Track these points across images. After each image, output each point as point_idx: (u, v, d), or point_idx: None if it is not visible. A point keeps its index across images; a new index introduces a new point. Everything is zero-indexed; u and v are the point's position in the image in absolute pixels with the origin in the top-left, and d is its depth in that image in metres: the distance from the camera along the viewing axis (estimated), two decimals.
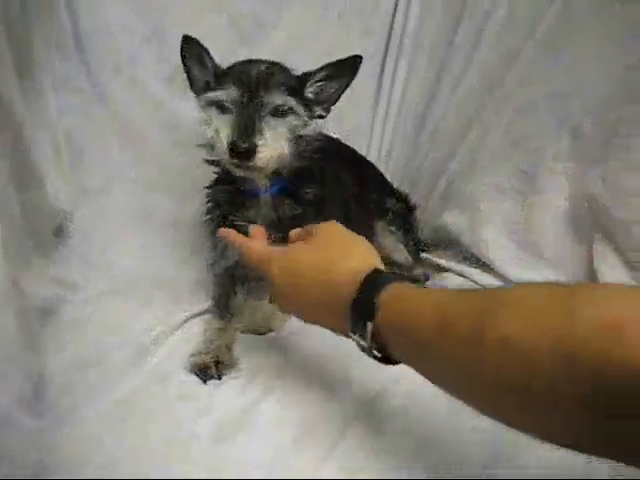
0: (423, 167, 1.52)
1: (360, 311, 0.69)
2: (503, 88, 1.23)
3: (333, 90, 1.13)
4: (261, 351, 1.11)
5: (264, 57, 1.40)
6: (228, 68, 1.10)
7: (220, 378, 1.02)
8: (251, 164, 0.99)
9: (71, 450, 0.84)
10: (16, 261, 0.89)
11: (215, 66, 1.11)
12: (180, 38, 1.25)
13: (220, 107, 1.04)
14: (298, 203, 1.12)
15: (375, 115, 1.60)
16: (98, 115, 1.33)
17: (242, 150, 0.98)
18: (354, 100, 1.52)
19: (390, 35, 1.54)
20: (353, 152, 1.41)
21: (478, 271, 1.30)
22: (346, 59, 1.10)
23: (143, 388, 0.98)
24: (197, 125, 1.10)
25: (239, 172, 1.05)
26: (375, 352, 0.69)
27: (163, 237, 1.36)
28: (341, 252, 0.79)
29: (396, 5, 1.52)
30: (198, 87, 1.12)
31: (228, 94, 1.03)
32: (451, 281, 1.33)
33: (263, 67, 1.06)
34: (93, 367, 0.99)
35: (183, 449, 0.87)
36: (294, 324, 1.18)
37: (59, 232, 1.27)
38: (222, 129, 1.01)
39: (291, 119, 1.06)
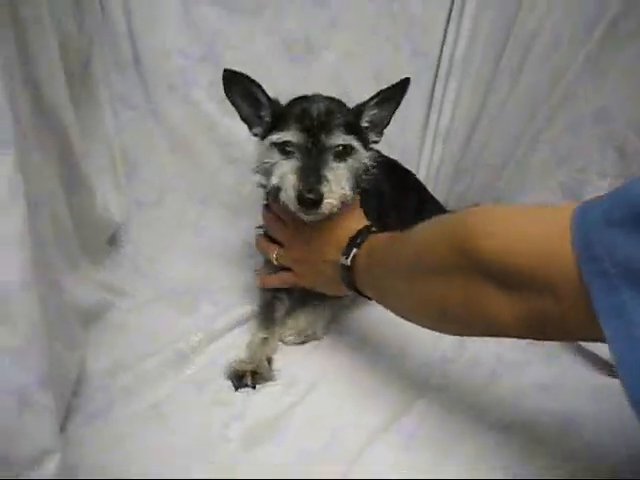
0: (470, 187, 1.51)
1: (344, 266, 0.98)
2: (549, 107, 1.22)
3: (385, 114, 1.16)
4: (299, 362, 1.12)
5: (315, 77, 1.46)
6: (287, 105, 1.12)
7: (254, 387, 1.02)
8: (319, 212, 1.03)
9: (98, 445, 0.86)
10: (62, 261, 0.93)
11: (270, 101, 1.12)
12: (232, 59, 1.31)
13: (282, 149, 1.07)
14: None
15: (425, 136, 1.61)
16: (153, 131, 1.39)
17: (309, 200, 1.01)
18: (404, 122, 1.55)
19: (440, 57, 1.55)
20: (391, 162, 1.42)
21: None
22: (397, 83, 1.12)
23: (178, 393, 1.00)
24: (254, 159, 1.15)
25: (306, 217, 1.07)
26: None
27: (212, 250, 1.40)
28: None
29: (446, 28, 1.53)
30: (250, 120, 1.14)
31: (292, 137, 1.05)
32: None
33: (322, 106, 1.08)
34: (131, 370, 1.02)
35: (211, 452, 0.88)
36: (333, 335, 1.21)
37: (112, 241, 1.33)
38: (288, 178, 1.03)
39: (352, 159, 1.08)
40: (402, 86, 1.13)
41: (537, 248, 0.58)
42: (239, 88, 1.10)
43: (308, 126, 1.05)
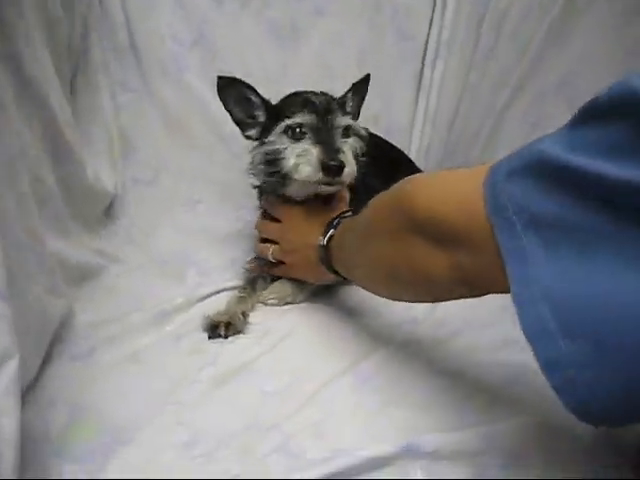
0: (456, 163, 1.56)
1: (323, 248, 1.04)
2: (518, 78, 1.27)
3: (356, 106, 1.29)
4: (274, 319, 1.18)
5: (301, 62, 1.54)
6: (282, 102, 1.21)
7: (227, 337, 1.08)
8: (340, 179, 1.12)
9: (76, 384, 0.93)
10: (48, 221, 1.02)
11: (264, 101, 1.21)
12: (222, 45, 1.40)
13: (293, 135, 1.15)
14: None
15: (414, 118, 1.66)
16: (149, 113, 1.48)
17: (334, 167, 1.09)
18: (393, 105, 1.61)
19: (427, 41, 1.61)
20: (384, 144, 1.48)
21: None
22: (364, 78, 1.27)
23: (158, 343, 1.06)
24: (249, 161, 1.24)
25: (325, 190, 1.16)
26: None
27: (203, 225, 1.48)
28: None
29: (432, 12, 1.59)
30: (243, 123, 1.22)
31: (303, 119, 1.14)
32: None
33: (320, 96, 1.19)
34: (115, 323, 1.09)
35: (183, 393, 0.94)
36: (314, 300, 1.26)
37: (109, 214, 1.41)
38: (310, 151, 1.11)
39: (353, 138, 1.19)
40: (367, 81, 1.26)
41: (457, 205, 0.62)
42: (233, 93, 1.19)
43: (315, 110, 1.14)
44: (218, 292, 1.27)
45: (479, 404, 0.88)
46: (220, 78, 1.16)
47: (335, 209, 1.17)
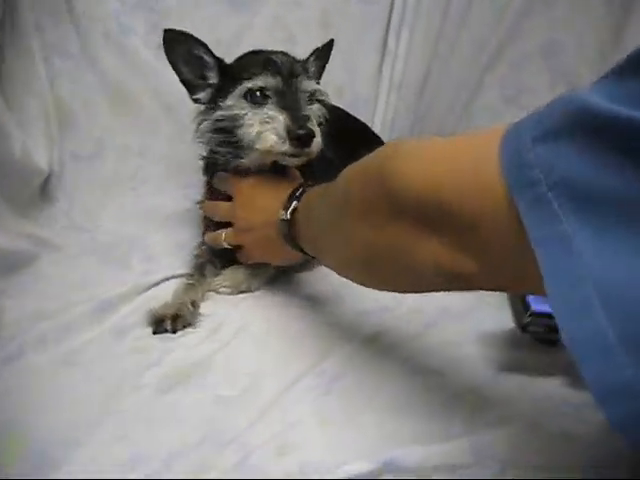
0: (423, 134, 1.46)
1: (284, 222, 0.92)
2: (495, 44, 1.16)
3: (318, 74, 1.18)
4: (228, 309, 1.07)
5: (257, 24, 1.41)
6: (238, 61, 1.09)
7: (175, 332, 0.98)
8: (309, 150, 1.00)
9: (8, 388, 0.82)
10: None
11: (218, 60, 1.07)
12: (168, 5, 1.26)
13: (253, 99, 1.02)
14: None
15: (379, 86, 1.56)
16: (89, 80, 1.34)
17: (303, 137, 0.98)
18: (356, 71, 1.50)
19: (392, 4, 1.50)
20: (338, 113, 1.37)
21: None
22: (327, 44, 1.17)
23: (96, 341, 0.95)
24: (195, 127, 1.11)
25: (290, 162, 1.05)
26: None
27: (149, 204, 1.36)
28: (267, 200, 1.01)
29: None
30: (192, 84, 1.09)
31: (266, 82, 1.01)
32: None
33: (282, 56, 1.06)
34: (50, 319, 0.97)
35: (122, 400, 0.83)
36: (271, 286, 1.17)
37: (46, 196, 1.28)
38: (277, 118, 0.99)
39: (318, 105, 1.08)
40: (329, 47, 1.16)
41: (460, 182, 0.49)
42: (182, 50, 1.04)
43: (278, 71, 1.02)
44: (167, 279, 1.15)
45: (463, 408, 0.80)
46: (167, 31, 1.01)
47: (292, 181, 1.05)
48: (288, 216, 0.91)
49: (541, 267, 0.40)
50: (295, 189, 0.95)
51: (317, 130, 1.01)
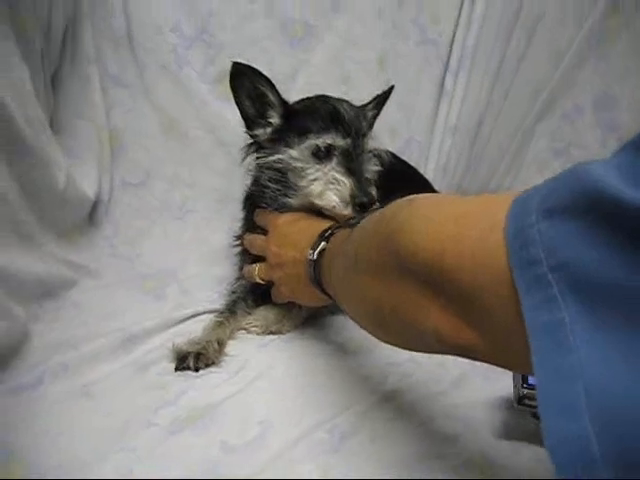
0: (473, 183, 1.41)
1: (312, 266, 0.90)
2: (548, 94, 1.11)
3: (374, 119, 1.16)
4: (254, 350, 1.06)
5: (315, 62, 1.41)
6: (303, 108, 1.08)
7: (197, 370, 0.96)
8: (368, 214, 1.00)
9: (14, 420, 0.82)
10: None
11: (282, 101, 1.06)
12: (227, 40, 1.27)
13: (318, 155, 1.03)
14: None
15: (434, 128, 1.52)
16: (143, 111, 1.36)
17: (366, 204, 0.99)
18: (412, 112, 1.47)
19: (452, 46, 1.47)
20: (390, 160, 1.34)
21: None
22: (388, 90, 1.16)
23: (116, 374, 0.95)
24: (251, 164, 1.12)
25: (351, 222, 1.02)
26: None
27: (194, 236, 1.36)
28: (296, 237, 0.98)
29: (458, 17, 1.45)
30: (252, 120, 1.08)
31: (336, 141, 1.02)
32: None
33: (348, 108, 1.05)
34: (74, 348, 0.97)
35: (132, 437, 0.82)
36: (303, 329, 1.15)
37: (92, 221, 1.30)
38: (342, 183, 1.00)
39: (375, 161, 1.09)
40: (388, 94, 1.15)
41: (464, 247, 0.47)
42: (247, 84, 1.03)
43: (347, 130, 1.02)
44: (198, 314, 1.15)
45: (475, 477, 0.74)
46: (235, 64, 1.00)
47: (327, 219, 1.03)
48: (315, 256, 0.89)
49: (533, 354, 0.37)
50: (325, 229, 0.92)
51: (374, 193, 1.02)
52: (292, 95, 1.28)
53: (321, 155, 1.02)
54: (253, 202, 1.15)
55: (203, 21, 1.35)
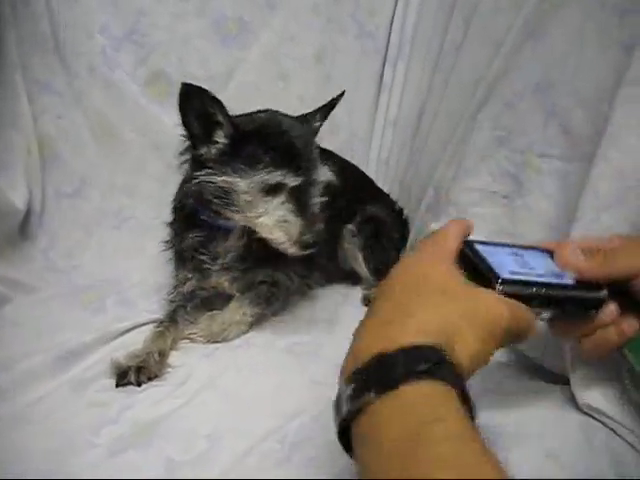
0: (416, 175, 1.40)
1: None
2: (487, 82, 1.10)
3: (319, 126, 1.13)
4: (199, 359, 1.02)
5: (251, 59, 1.37)
6: (252, 130, 1.02)
7: (139, 385, 0.93)
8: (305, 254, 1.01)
9: None
10: None
11: (232, 123, 1.00)
12: (159, 41, 1.23)
13: (267, 190, 1.00)
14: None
15: (374, 122, 1.51)
16: (74, 117, 1.32)
17: (310, 245, 0.99)
18: (352, 106, 1.46)
19: (389, 39, 1.46)
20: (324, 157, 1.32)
21: None
22: (337, 97, 1.12)
23: (55, 394, 0.90)
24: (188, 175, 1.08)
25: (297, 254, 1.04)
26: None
27: (132, 244, 1.32)
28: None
29: (394, 8, 1.44)
30: (199, 139, 1.02)
31: (287, 179, 0.99)
32: None
33: (299, 134, 1.03)
34: (10, 370, 0.92)
35: (73, 458, 0.78)
36: (246, 336, 1.11)
37: (25, 234, 1.25)
38: (291, 222, 1.00)
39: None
40: (337, 101, 1.12)
41: None
42: (197, 105, 0.98)
43: (300, 166, 1.00)
44: (140, 326, 1.10)
45: None
46: (185, 85, 0.94)
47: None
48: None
49: None
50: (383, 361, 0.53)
51: (319, 228, 1.01)
52: (229, 94, 1.25)
53: (270, 190, 1.00)
54: (187, 213, 1.12)
55: (133, 21, 1.31)
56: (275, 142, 1.00)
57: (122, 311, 1.14)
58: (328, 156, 1.29)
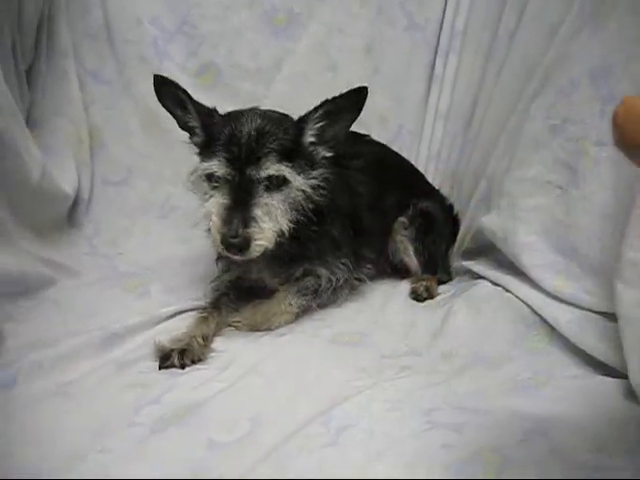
0: (467, 168, 1.37)
1: None
2: (542, 71, 1.06)
3: (338, 127, 1.01)
4: (244, 344, 1.00)
5: (300, 51, 1.36)
6: (220, 122, 1.00)
7: (183, 368, 0.90)
8: (247, 256, 0.94)
9: None
10: None
11: (200, 114, 1.01)
12: (210, 32, 1.24)
13: (210, 180, 0.98)
14: (295, 239, 1.03)
15: (425, 115, 1.48)
16: (123, 107, 1.32)
17: (235, 246, 0.92)
18: (401, 100, 1.43)
19: (440, 31, 1.43)
20: (379, 152, 1.29)
21: (513, 279, 1.10)
22: (348, 92, 0.98)
23: (96, 372, 0.89)
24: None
25: (235, 258, 0.98)
26: None
27: (176, 234, 1.31)
28: None
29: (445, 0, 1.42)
30: (188, 129, 1.05)
31: (218, 168, 0.96)
32: (480, 289, 1.15)
33: (253, 128, 0.96)
34: (50, 347, 0.91)
35: (112, 437, 0.75)
36: (290, 325, 1.08)
37: (72, 221, 1.25)
38: (213, 219, 0.95)
39: (288, 188, 0.97)
40: (357, 96, 0.98)
41: None
42: (170, 95, 1.01)
43: (236, 155, 0.94)
44: (183, 312, 1.09)
45: (480, 470, 0.67)
46: (156, 77, 0.99)
47: None
48: None
49: None
50: None
51: (263, 230, 0.93)
52: (278, 84, 1.24)
53: (214, 181, 0.97)
54: None
55: (184, 12, 1.31)
56: (225, 133, 0.97)
57: (166, 297, 1.13)
58: (380, 148, 1.28)
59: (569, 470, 0.67)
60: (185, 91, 0.98)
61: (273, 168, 0.94)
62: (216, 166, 0.95)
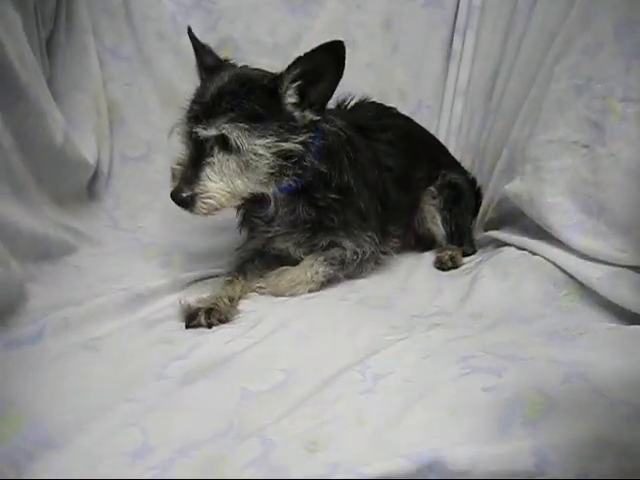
0: (489, 140, 1.36)
1: None
2: (566, 31, 1.06)
3: (320, 89, 0.96)
4: (272, 305, 1.00)
5: (318, 27, 1.36)
6: (206, 75, 1.02)
7: (210, 326, 0.89)
8: (195, 212, 0.93)
9: (14, 371, 0.75)
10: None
11: (204, 66, 1.04)
12: (228, 7, 1.24)
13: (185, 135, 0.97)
14: (313, 207, 1.03)
15: (444, 90, 1.48)
16: (142, 83, 1.32)
17: (179, 202, 0.92)
18: (420, 76, 1.43)
19: (457, 7, 1.43)
20: (406, 125, 1.29)
21: (540, 242, 1.09)
22: (321, 47, 0.91)
23: (123, 329, 0.88)
24: None
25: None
26: None
27: None
28: None
29: None
30: None
31: (180, 125, 0.96)
32: (506, 255, 1.14)
33: (218, 86, 0.95)
34: (75, 306, 0.90)
35: (140, 389, 0.74)
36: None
37: (91, 192, 1.25)
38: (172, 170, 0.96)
39: (243, 150, 0.92)
40: (334, 50, 0.91)
41: None
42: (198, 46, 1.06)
43: (196, 112, 0.94)
44: (207, 277, 1.08)
45: (524, 411, 0.66)
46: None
47: None
48: None
49: None
50: None
51: (210, 190, 0.92)
52: None
53: (187, 136, 0.96)
54: None
55: None
56: (195, 94, 0.98)
57: (189, 265, 1.12)
58: (406, 121, 1.28)
59: (612, 408, 0.66)
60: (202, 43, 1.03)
61: (219, 128, 0.91)
62: (180, 121, 0.96)
